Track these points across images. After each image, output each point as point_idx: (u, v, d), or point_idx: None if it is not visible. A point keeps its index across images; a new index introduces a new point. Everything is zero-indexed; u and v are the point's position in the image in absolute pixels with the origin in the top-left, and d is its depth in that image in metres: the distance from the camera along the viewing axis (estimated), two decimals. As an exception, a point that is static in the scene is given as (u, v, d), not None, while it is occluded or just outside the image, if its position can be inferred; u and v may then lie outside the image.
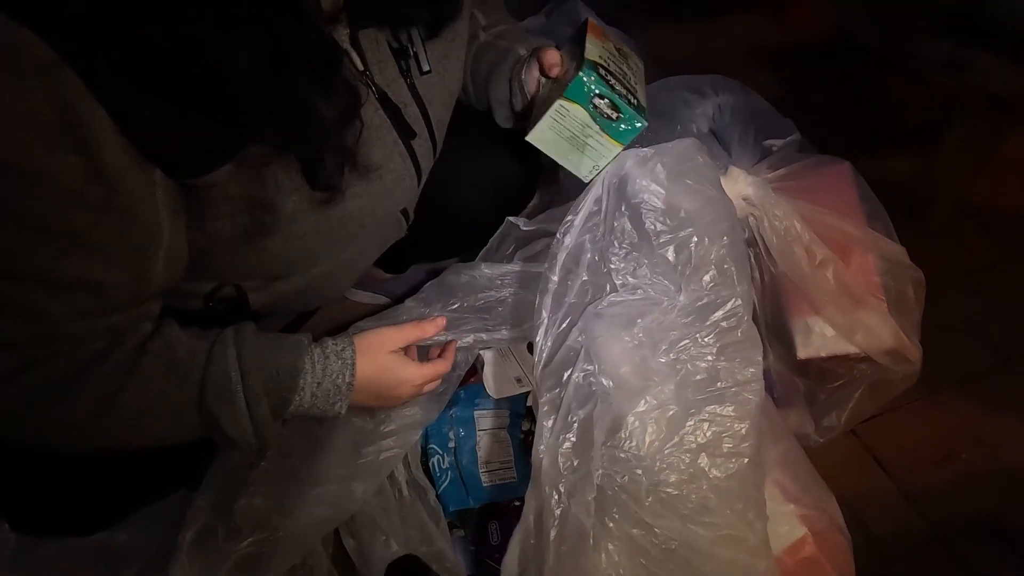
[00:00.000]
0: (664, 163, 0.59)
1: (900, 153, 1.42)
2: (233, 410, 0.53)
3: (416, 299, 0.80)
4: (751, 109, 0.96)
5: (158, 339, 0.52)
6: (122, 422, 0.51)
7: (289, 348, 0.57)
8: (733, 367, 0.53)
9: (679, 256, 0.57)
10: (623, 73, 0.64)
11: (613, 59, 0.65)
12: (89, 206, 0.44)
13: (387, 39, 0.59)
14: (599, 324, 0.55)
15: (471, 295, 0.76)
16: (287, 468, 0.69)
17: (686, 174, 0.60)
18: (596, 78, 0.59)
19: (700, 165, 0.60)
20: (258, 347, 0.55)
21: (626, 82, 0.63)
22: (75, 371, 0.48)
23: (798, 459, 0.69)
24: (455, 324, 0.75)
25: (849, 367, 0.83)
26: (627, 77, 0.64)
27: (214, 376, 0.52)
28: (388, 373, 0.62)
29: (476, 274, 0.78)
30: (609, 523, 0.50)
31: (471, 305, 0.76)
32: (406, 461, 0.81)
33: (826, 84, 1.61)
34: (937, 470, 0.94)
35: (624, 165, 0.61)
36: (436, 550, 0.73)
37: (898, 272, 0.83)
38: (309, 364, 0.57)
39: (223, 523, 0.65)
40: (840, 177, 0.88)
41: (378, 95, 0.58)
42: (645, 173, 0.59)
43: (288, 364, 0.56)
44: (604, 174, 0.63)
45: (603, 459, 0.51)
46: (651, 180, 0.59)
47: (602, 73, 0.60)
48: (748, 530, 0.50)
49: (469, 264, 0.82)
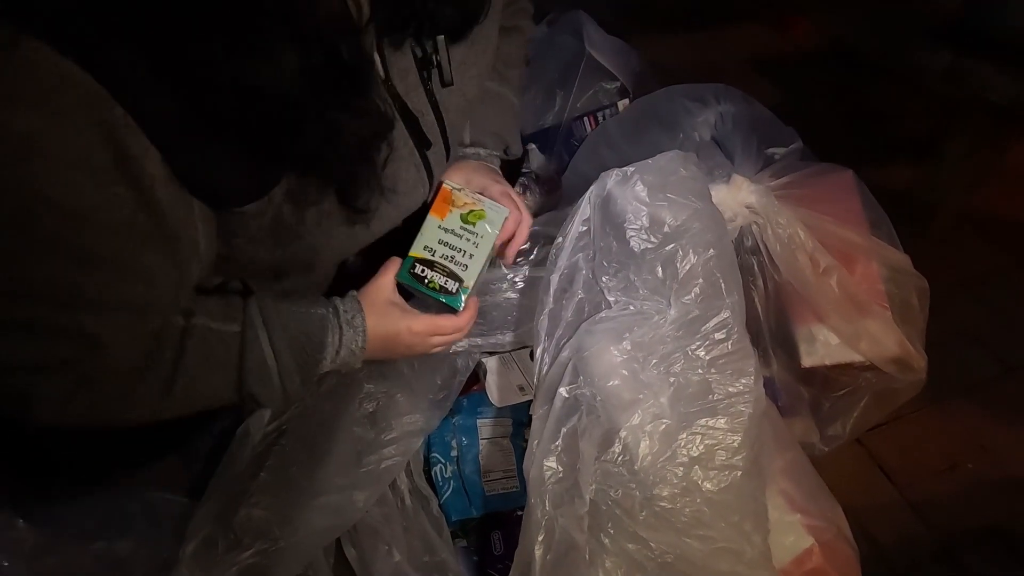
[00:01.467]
0: (645, 180, 0.60)
1: (901, 162, 1.42)
2: (270, 390, 0.58)
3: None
4: (753, 117, 0.97)
5: (193, 336, 0.54)
6: (168, 414, 0.56)
7: (316, 325, 0.60)
8: (725, 379, 0.53)
9: (666, 271, 0.57)
10: (451, 256, 0.68)
11: (449, 238, 0.68)
12: (137, 234, 0.45)
13: (411, 46, 0.58)
14: (589, 340, 0.56)
15: None
16: (288, 478, 0.68)
17: (668, 188, 0.60)
18: (409, 277, 0.66)
19: (684, 178, 0.61)
20: (287, 327, 0.58)
21: (452, 265, 0.67)
22: (124, 382, 0.51)
23: (804, 468, 0.69)
24: None
25: (854, 376, 0.82)
26: (456, 258, 0.67)
27: (250, 364, 0.56)
28: (396, 333, 0.64)
29: None
30: (604, 539, 0.50)
31: None
32: (409, 470, 0.81)
33: (826, 94, 1.62)
34: (942, 479, 0.94)
35: (606, 184, 0.61)
36: (439, 560, 0.72)
37: (902, 280, 0.83)
38: (331, 337, 0.60)
39: (224, 534, 0.65)
40: (843, 185, 0.88)
41: (398, 106, 0.58)
42: (627, 191, 0.60)
43: (316, 342, 0.59)
44: (590, 193, 0.64)
45: (596, 474, 0.51)
46: (632, 198, 0.60)
47: (418, 271, 0.67)
48: (745, 542, 0.49)
49: None
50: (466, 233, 0.69)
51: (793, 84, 1.64)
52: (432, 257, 0.67)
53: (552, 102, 1.24)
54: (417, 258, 0.68)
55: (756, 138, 0.92)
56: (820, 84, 1.65)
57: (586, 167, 1.01)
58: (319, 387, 0.76)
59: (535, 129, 1.25)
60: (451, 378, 0.81)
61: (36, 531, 0.60)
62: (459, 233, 0.69)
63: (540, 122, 1.25)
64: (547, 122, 1.24)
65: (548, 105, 1.25)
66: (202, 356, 0.54)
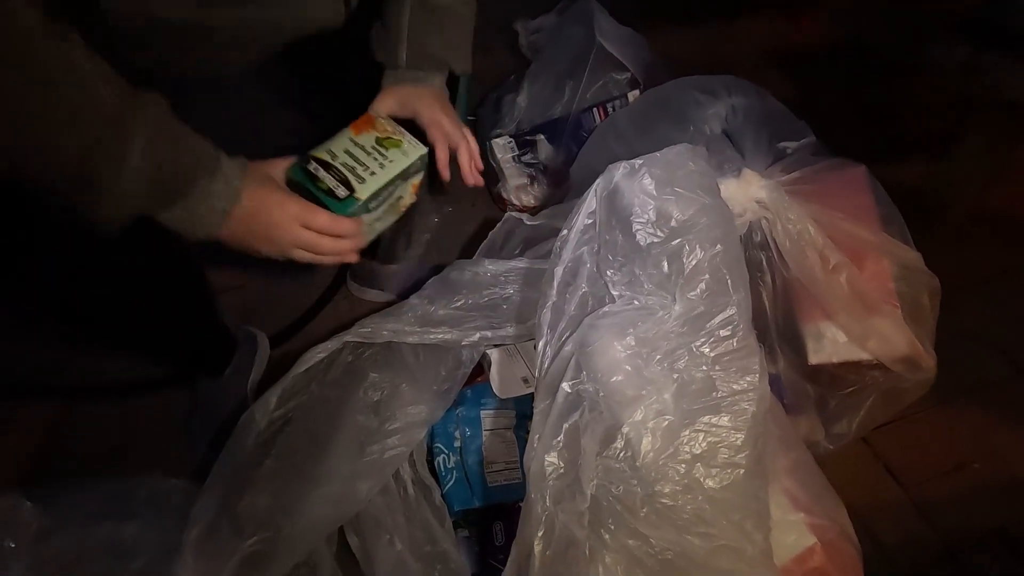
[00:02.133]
0: (652, 173, 0.59)
1: (914, 158, 1.40)
2: (111, 186, 0.49)
3: (420, 296, 0.79)
4: (765, 111, 0.95)
5: (73, 73, 0.46)
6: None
7: (196, 157, 0.54)
8: (729, 376, 0.53)
9: (672, 266, 0.57)
10: (352, 166, 0.64)
11: (357, 151, 0.65)
12: None
13: None
14: (592, 334, 0.55)
15: (475, 292, 0.75)
16: (291, 466, 0.69)
17: (676, 182, 0.59)
18: (300, 172, 0.62)
19: (692, 172, 0.60)
20: (172, 139, 0.52)
21: (349, 174, 0.64)
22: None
23: (808, 467, 0.68)
24: (460, 322, 0.75)
25: (861, 374, 0.81)
26: (356, 169, 0.64)
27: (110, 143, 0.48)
28: (267, 207, 0.58)
29: (480, 271, 0.78)
30: (605, 534, 0.50)
31: (475, 302, 0.76)
32: (412, 460, 0.81)
33: (840, 88, 1.60)
34: (949, 480, 0.93)
35: (614, 177, 0.60)
36: (441, 550, 0.72)
37: (913, 279, 0.82)
38: (203, 180, 0.54)
39: (228, 521, 0.65)
40: (855, 181, 0.87)
41: None
42: (634, 185, 0.59)
43: (187, 174, 0.53)
44: (596, 186, 0.63)
45: (597, 470, 0.50)
46: (640, 191, 0.59)
47: (312, 168, 0.63)
48: (746, 541, 0.49)
49: (473, 260, 0.82)
50: (376, 153, 0.65)
51: (806, 78, 1.62)
52: (331, 160, 0.64)
53: (561, 92, 1.23)
54: (315, 156, 0.64)
55: (767, 132, 0.90)
56: (834, 78, 1.62)
57: (594, 159, 1.00)
58: (325, 376, 0.76)
59: (544, 120, 1.25)
60: (455, 369, 0.81)
61: (42, 514, 0.61)
62: (369, 151, 0.65)
63: (549, 113, 1.25)
64: (556, 113, 1.23)
65: (557, 95, 1.24)
66: (70, 97, 0.46)
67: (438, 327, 0.73)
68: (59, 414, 0.99)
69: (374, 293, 1.12)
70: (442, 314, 0.74)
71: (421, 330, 0.72)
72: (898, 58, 1.57)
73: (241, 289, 1.19)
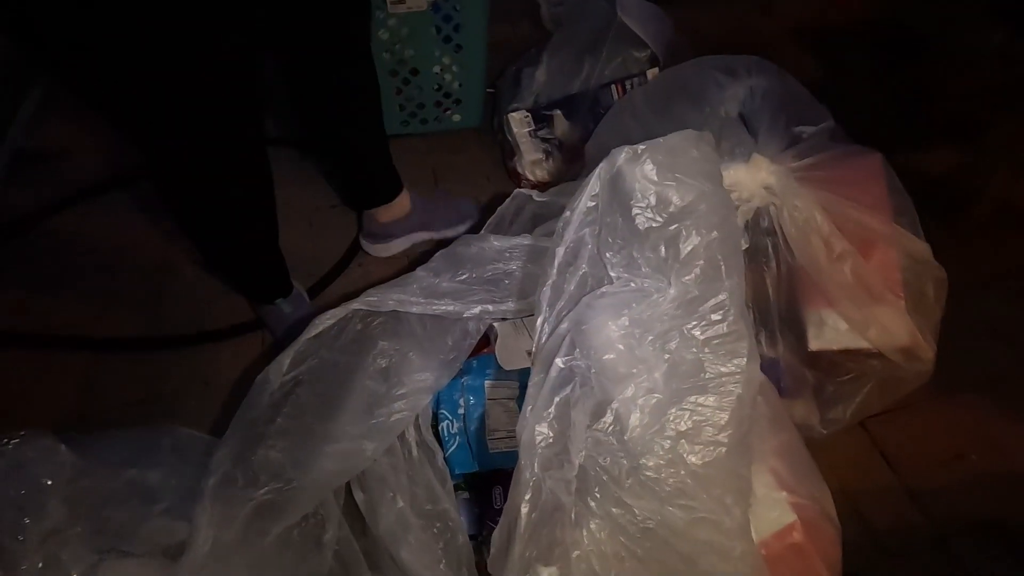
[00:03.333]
0: (655, 159, 0.60)
1: (941, 146, 1.36)
2: None
3: (426, 268, 0.82)
4: (785, 94, 0.94)
5: None
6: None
7: None
8: (718, 359, 0.55)
9: (668, 250, 0.58)
10: None
11: None
12: None
13: None
14: (588, 313, 0.57)
15: (479, 266, 0.78)
16: (302, 425, 0.73)
17: (678, 168, 0.60)
18: None
19: (695, 159, 0.61)
20: None
21: None
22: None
23: (797, 449, 0.70)
24: (463, 295, 0.77)
25: (860, 362, 0.82)
26: None
27: None
28: None
29: (485, 246, 0.80)
30: (591, 502, 0.53)
31: (479, 276, 0.78)
32: (417, 424, 0.85)
33: (872, 69, 1.55)
34: (945, 469, 0.94)
35: (616, 161, 0.61)
36: (441, 509, 0.76)
37: (920, 270, 0.82)
38: None
39: (242, 472, 0.70)
40: (870, 169, 0.86)
41: None
42: (636, 170, 0.60)
43: None
44: (599, 169, 0.64)
45: (587, 442, 0.53)
46: (641, 176, 0.60)
47: None
48: (724, 514, 0.52)
49: (479, 236, 0.84)
50: None
51: (837, 58, 1.57)
52: None
53: (580, 67, 1.22)
54: None
55: (785, 116, 0.89)
56: (866, 59, 1.58)
57: (610, 137, 1.00)
58: (335, 341, 0.79)
59: (562, 95, 1.24)
60: (462, 340, 0.84)
61: (75, 456, 0.66)
62: None
63: (567, 88, 1.24)
64: (574, 88, 1.23)
65: (576, 70, 1.23)
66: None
67: (442, 299, 0.75)
68: (90, 366, 1.06)
69: (386, 246, 1.17)
70: (446, 287, 0.77)
71: (425, 301, 0.75)
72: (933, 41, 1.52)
73: (261, 254, 1.23)
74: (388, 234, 1.16)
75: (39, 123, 1.49)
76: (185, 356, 1.07)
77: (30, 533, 0.58)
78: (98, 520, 0.64)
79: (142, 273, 1.19)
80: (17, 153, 1.41)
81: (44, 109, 1.52)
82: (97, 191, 1.33)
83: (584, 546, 0.53)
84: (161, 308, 1.14)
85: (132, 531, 0.67)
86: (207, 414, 0.98)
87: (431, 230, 1.18)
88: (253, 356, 1.07)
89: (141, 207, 1.32)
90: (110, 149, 1.43)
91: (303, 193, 1.34)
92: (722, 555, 0.53)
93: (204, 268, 1.18)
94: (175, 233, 1.27)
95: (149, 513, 0.70)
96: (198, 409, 0.99)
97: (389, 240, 1.16)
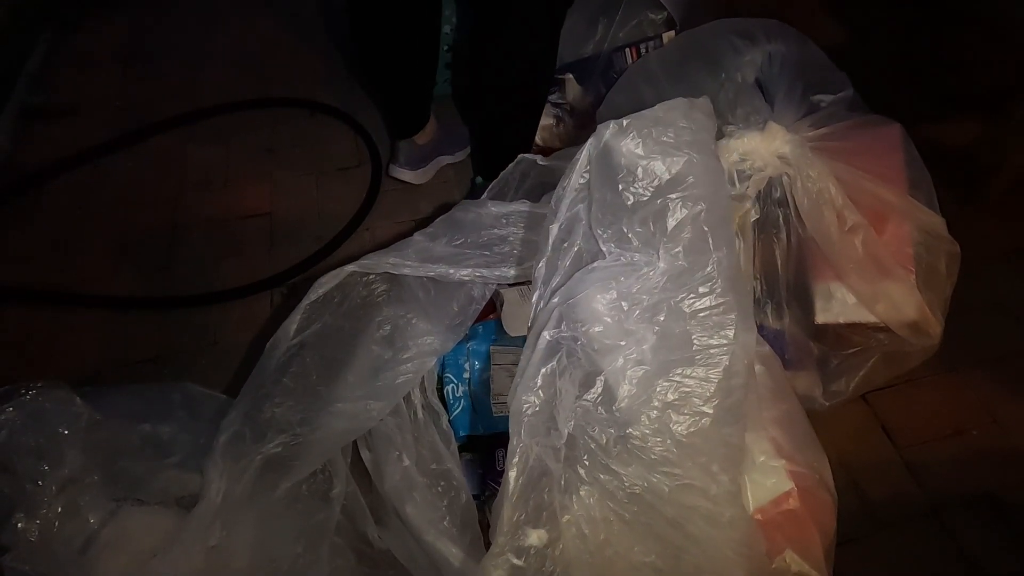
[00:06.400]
0: (640, 131, 0.59)
1: (967, 117, 1.32)
2: None
3: (424, 233, 0.82)
4: (804, 60, 0.91)
5: None
6: None
7: None
8: (706, 332, 0.55)
9: (656, 225, 0.58)
10: None
11: None
12: None
13: None
14: (578, 287, 0.57)
15: (475, 231, 0.78)
16: (308, 386, 0.75)
17: (665, 140, 0.59)
18: None
19: (682, 129, 0.60)
20: None
21: None
22: None
23: (797, 419, 0.71)
24: (458, 259, 0.77)
25: (866, 336, 0.82)
26: None
27: None
28: None
29: (483, 211, 0.80)
30: (580, 469, 0.54)
31: (474, 241, 0.78)
32: (423, 386, 0.86)
33: (897, 36, 1.50)
34: (944, 444, 0.94)
35: (603, 136, 0.61)
36: (445, 469, 0.78)
37: (933, 244, 0.80)
38: None
39: (251, 428, 0.72)
40: (888, 140, 0.84)
41: None
42: (621, 144, 0.59)
43: None
44: (588, 145, 0.63)
45: (575, 411, 0.54)
46: (627, 150, 0.59)
47: None
48: (711, 481, 0.53)
49: (478, 201, 0.83)
50: None
51: (862, 23, 1.52)
52: None
53: (594, 30, 1.19)
54: None
55: (802, 83, 0.87)
56: (891, 25, 1.52)
57: (623, 102, 0.98)
58: (339, 307, 0.80)
59: (574, 58, 1.21)
60: (467, 305, 0.85)
61: (91, 409, 0.68)
62: None
63: (580, 51, 1.21)
64: (587, 51, 1.20)
65: (589, 33, 1.20)
66: None
67: (436, 263, 0.76)
68: (104, 323, 1.08)
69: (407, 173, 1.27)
70: (441, 251, 0.77)
71: (419, 264, 0.76)
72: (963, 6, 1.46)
73: (268, 215, 1.24)
74: (424, 156, 1.26)
75: (46, 77, 1.48)
76: (195, 315, 1.09)
77: (49, 479, 0.61)
78: (114, 470, 0.67)
79: (151, 233, 1.20)
80: (25, 109, 1.40)
81: (50, 63, 1.51)
82: (107, 150, 1.33)
83: (574, 511, 0.55)
84: (170, 268, 1.15)
85: (146, 481, 0.70)
86: (216, 372, 1.00)
87: (448, 153, 1.30)
88: (261, 316, 1.08)
89: (151, 166, 1.32)
90: (118, 106, 1.42)
91: (309, 155, 1.33)
92: (710, 520, 0.54)
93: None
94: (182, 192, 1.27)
95: (162, 465, 0.73)
96: (208, 367, 1.02)
97: (426, 163, 1.27)
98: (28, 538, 0.58)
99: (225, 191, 1.27)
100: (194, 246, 1.19)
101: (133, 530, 0.65)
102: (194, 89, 1.46)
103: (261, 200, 1.26)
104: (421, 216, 1.23)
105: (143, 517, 0.66)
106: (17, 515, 0.59)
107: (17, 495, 0.60)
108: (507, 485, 0.52)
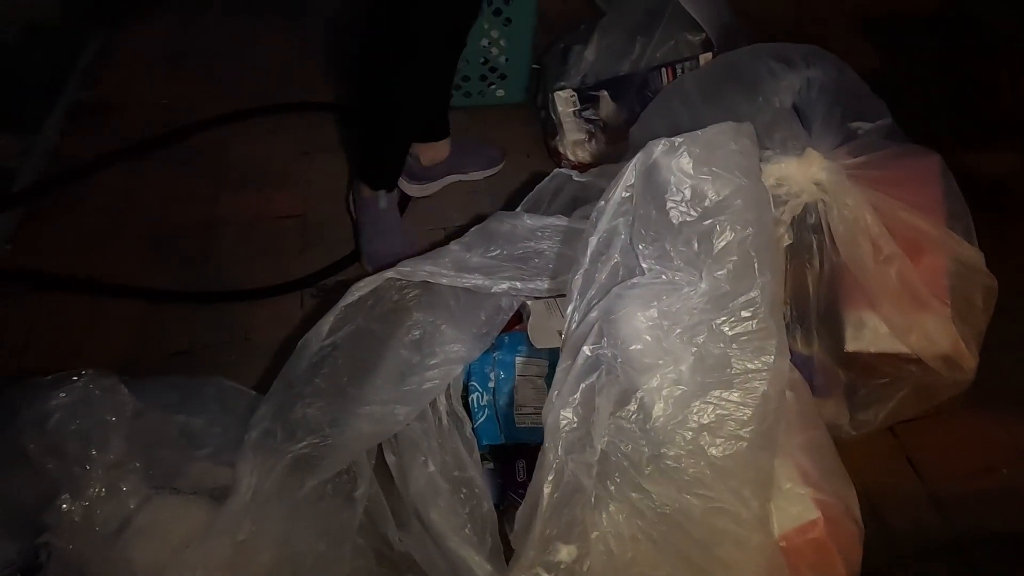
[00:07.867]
0: (691, 152, 0.60)
1: (1007, 147, 1.31)
2: None
3: (459, 242, 0.83)
4: (842, 86, 0.91)
5: None
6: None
7: None
8: (745, 356, 0.55)
9: (702, 245, 0.58)
10: None
11: None
12: None
13: None
14: (618, 303, 0.58)
15: (511, 244, 0.79)
16: (338, 387, 0.76)
17: (715, 162, 0.60)
18: None
19: (732, 152, 0.60)
20: None
21: None
22: None
23: (824, 447, 0.70)
24: (493, 271, 0.78)
25: (897, 366, 0.81)
26: None
27: None
28: None
29: (518, 224, 0.81)
30: (611, 486, 0.55)
31: (509, 253, 0.79)
32: (448, 394, 0.87)
33: (936, 61, 1.48)
34: (973, 480, 0.93)
35: (653, 153, 0.61)
36: (468, 476, 0.79)
37: (969, 277, 0.80)
38: None
39: (282, 427, 0.74)
40: (926, 170, 0.84)
41: None
42: (672, 162, 0.60)
43: None
44: (635, 160, 0.64)
45: (610, 428, 0.55)
46: (677, 169, 0.59)
47: None
48: (742, 505, 0.53)
49: (513, 213, 0.85)
50: None
51: (900, 48, 1.50)
52: None
53: (631, 48, 1.20)
54: None
55: (840, 109, 0.87)
56: (931, 51, 1.51)
57: (657, 122, 0.98)
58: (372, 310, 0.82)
59: (610, 75, 1.23)
60: (495, 315, 0.86)
61: (135, 398, 0.70)
62: None
63: (616, 68, 1.22)
64: (623, 69, 1.21)
65: (627, 51, 1.21)
66: None
67: (472, 273, 0.77)
68: (141, 315, 1.11)
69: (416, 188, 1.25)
70: (476, 261, 0.78)
71: (455, 274, 0.77)
72: (1004, 33, 1.44)
73: (301, 217, 1.26)
74: (426, 176, 1.25)
75: (96, 75, 1.53)
76: (227, 312, 1.11)
77: (95, 464, 0.63)
78: (151, 458, 0.69)
79: (188, 229, 1.23)
80: (76, 104, 1.45)
81: (101, 61, 1.56)
82: (150, 146, 1.37)
83: (602, 527, 0.55)
84: (207, 265, 1.18)
85: (180, 471, 0.72)
86: (246, 367, 1.02)
87: (462, 172, 1.28)
88: (291, 315, 1.10)
89: (191, 164, 1.36)
90: (164, 105, 1.47)
91: (343, 159, 1.36)
92: (738, 544, 0.54)
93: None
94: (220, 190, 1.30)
95: (195, 456, 0.75)
96: (238, 362, 1.04)
97: (426, 182, 1.26)
98: (73, 519, 0.61)
99: (261, 191, 1.30)
100: (229, 244, 1.22)
101: (166, 517, 0.66)
102: (236, 89, 1.50)
103: (295, 202, 1.29)
104: (450, 224, 1.24)
105: (176, 506, 0.68)
106: (63, 496, 0.61)
107: (64, 477, 0.62)
108: (541, 499, 0.53)
